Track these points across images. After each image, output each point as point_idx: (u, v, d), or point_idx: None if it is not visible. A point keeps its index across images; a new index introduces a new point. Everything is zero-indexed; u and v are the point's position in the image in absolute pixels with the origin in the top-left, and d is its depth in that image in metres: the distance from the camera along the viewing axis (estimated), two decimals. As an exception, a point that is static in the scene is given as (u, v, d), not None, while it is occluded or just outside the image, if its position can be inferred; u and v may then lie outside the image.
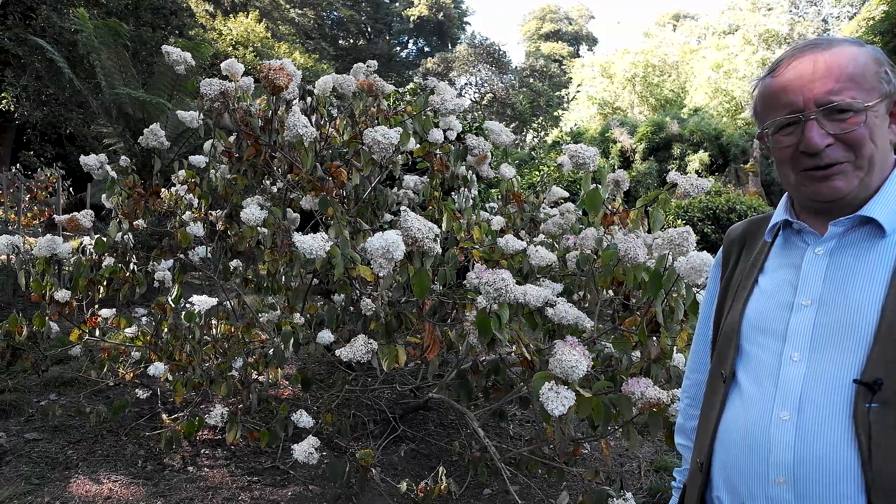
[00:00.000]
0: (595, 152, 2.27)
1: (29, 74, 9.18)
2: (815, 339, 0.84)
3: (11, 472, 2.79)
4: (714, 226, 11.82)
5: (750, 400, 0.89)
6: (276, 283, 3.37)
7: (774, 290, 0.92)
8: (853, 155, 0.85)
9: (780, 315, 0.89)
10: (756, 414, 0.87)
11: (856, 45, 0.87)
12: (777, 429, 0.84)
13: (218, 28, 17.02)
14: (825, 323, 0.84)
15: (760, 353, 0.90)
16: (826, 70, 0.85)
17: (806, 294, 0.87)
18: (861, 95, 0.84)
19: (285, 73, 2.58)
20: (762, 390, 0.88)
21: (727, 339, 0.97)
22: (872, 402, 0.76)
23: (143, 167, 6.08)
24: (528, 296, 2.14)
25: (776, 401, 0.85)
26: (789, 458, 0.82)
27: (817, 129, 0.85)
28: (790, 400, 0.84)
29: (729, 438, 0.91)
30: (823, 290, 0.86)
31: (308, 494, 2.79)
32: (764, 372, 0.89)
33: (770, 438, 0.84)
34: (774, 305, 0.91)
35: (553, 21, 39.45)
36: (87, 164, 3.01)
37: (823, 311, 0.85)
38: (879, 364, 0.77)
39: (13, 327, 2.95)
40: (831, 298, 0.84)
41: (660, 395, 1.65)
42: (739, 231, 1.08)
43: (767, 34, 23.58)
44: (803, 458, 0.81)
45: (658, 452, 3.42)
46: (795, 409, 0.83)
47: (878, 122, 0.85)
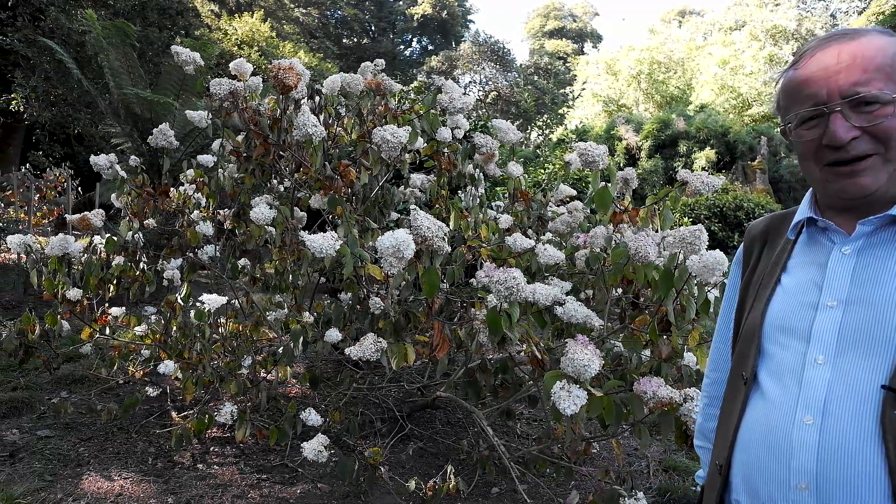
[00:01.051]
0: (604, 150, 2.27)
1: (38, 75, 9.23)
2: (841, 342, 0.82)
3: (24, 468, 2.81)
4: (721, 224, 11.77)
5: (772, 403, 0.87)
6: (283, 281, 3.38)
7: (798, 289, 0.90)
8: (882, 148, 0.82)
9: (804, 315, 0.86)
10: (778, 417, 0.85)
11: (884, 34, 0.84)
12: (800, 433, 0.81)
13: (223, 28, 17.07)
14: (852, 325, 0.81)
15: (783, 354, 0.88)
16: (851, 60, 0.82)
17: (832, 295, 0.84)
18: (889, 87, 0.81)
19: (295, 73, 2.59)
20: (785, 393, 0.85)
21: (748, 340, 0.94)
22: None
23: (152, 167, 6.11)
24: (537, 294, 2.14)
25: (799, 404, 0.82)
26: (812, 463, 0.80)
27: (842, 122, 0.82)
28: (814, 404, 0.81)
29: (749, 441, 0.89)
30: (850, 290, 0.83)
31: (317, 492, 2.81)
32: (787, 374, 0.86)
33: (792, 443, 0.82)
34: (798, 305, 0.88)
35: (557, 18, 39.35)
36: (97, 163, 3.03)
37: (850, 313, 0.82)
38: None
39: (26, 326, 2.97)
40: (858, 300, 0.82)
41: (671, 394, 1.64)
42: (761, 227, 1.04)
43: (775, 30, 23.42)
44: (827, 463, 0.79)
45: (667, 452, 3.41)
46: (819, 413, 0.80)
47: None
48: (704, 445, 1.13)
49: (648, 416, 1.80)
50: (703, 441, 1.14)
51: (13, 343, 2.94)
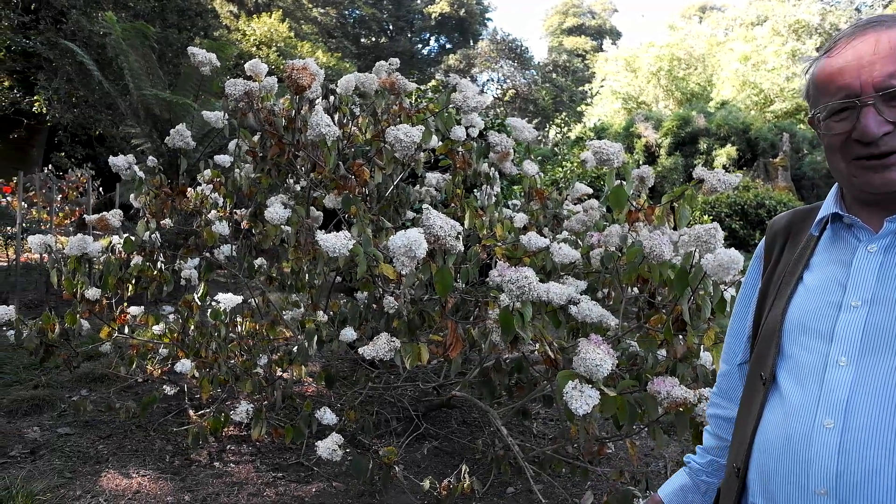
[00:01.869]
0: (619, 148, 2.24)
1: (60, 77, 9.39)
2: (865, 343, 0.78)
3: (45, 465, 2.86)
4: (742, 221, 11.61)
5: (791, 405, 0.84)
6: (299, 281, 3.40)
7: (821, 288, 0.86)
8: None
9: (827, 315, 0.83)
10: (798, 420, 0.82)
11: None
12: (820, 437, 0.79)
13: (242, 28, 17.23)
14: (876, 326, 0.78)
15: (804, 355, 0.85)
16: (889, 50, 0.78)
17: (856, 294, 0.81)
18: None
19: (309, 73, 2.59)
20: (805, 395, 0.82)
21: (767, 339, 0.92)
22: None
23: (170, 167, 6.18)
24: (551, 293, 2.12)
25: (820, 407, 0.79)
26: (832, 468, 0.77)
27: (874, 116, 0.78)
28: (835, 407, 0.78)
29: (768, 444, 0.86)
30: (876, 290, 0.80)
31: (332, 491, 2.81)
32: (807, 375, 0.83)
33: (812, 447, 0.79)
34: (821, 305, 0.85)
35: (576, 15, 39.08)
36: (115, 164, 3.07)
37: (875, 313, 0.79)
38: None
39: (46, 325, 3.02)
40: (884, 299, 0.78)
41: (686, 394, 1.61)
42: (784, 222, 1.01)
43: (797, 24, 23.00)
44: (848, 469, 0.76)
45: (685, 452, 3.36)
46: (841, 416, 0.77)
47: None
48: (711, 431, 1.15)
49: (664, 416, 1.77)
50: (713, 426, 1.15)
51: (34, 342, 2.98)
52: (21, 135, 11.24)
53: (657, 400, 1.67)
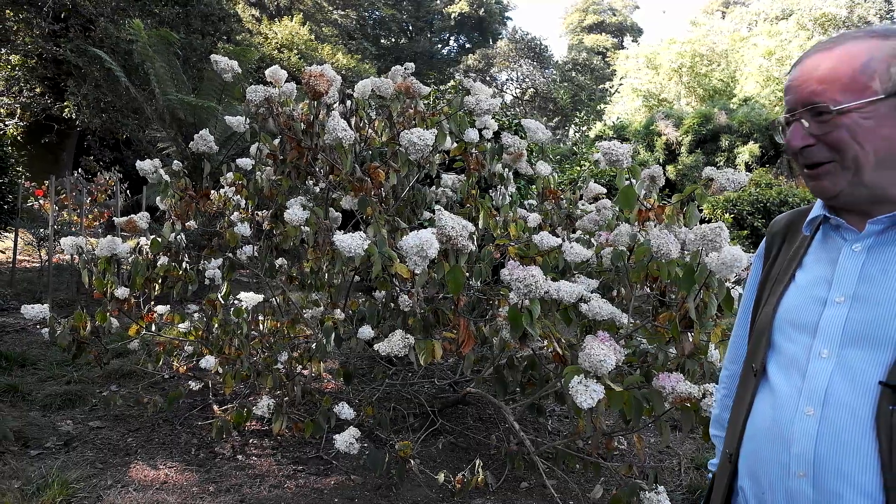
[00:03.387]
0: (628, 149, 2.28)
1: (88, 83, 9.67)
2: (845, 337, 0.83)
3: (78, 456, 2.99)
4: (765, 219, 11.43)
5: (778, 394, 0.90)
6: (319, 280, 3.48)
7: (809, 285, 0.92)
8: (838, 156, 0.85)
9: (812, 310, 0.88)
10: (782, 408, 0.88)
11: (875, 38, 0.84)
12: (801, 423, 0.84)
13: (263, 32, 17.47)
14: (857, 320, 0.83)
15: (791, 347, 0.90)
16: (824, 70, 0.85)
17: (840, 290, 0.86)
18: (846, 96, 0.83)
19: (325, 79, 2.68)
20: (790, 385, 0.88)
21: (760, 333, 0.97)
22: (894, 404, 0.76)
23: (194, 170, 6.34)
24: (561, 292, 2.17)
25: (802, 396, 0.85)
26: (810, 452, 0.82)
27: (797, 130, 0.87)
28: (815, 396, 0.84)
29: (756, 431, 0.92)
30: (858, 287, 0.84)
31: (350, 484, 2.89)
32: (793, 367, 0.89)
33: (793, 432, 0.85)
34: (808, 300, 0.90)
35: (596, 13, 38.76)
36: (142, 168, 3.19)
37: (856, 309, 0.83)
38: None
39: (78, 323, 3.15)
40: (864, 296, 0.83)
41: (691, 389, 1.65)
42: (783, 223, 1.06)
43: (824, 18, 22.53)
44: (824, 454, 0.81)
45: (699, 450, 3.38)
46: (820, 405, 0.83)
47: (872, 123, 0.82)
48: (718, 434, 1.17)
49: (672, 411, 1.81)
50: (718, 430, 1.17)
51: (67, 339, 3.11)
52: (52, 139, 11.58)
53: (663, 395, 1.71)
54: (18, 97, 10.88)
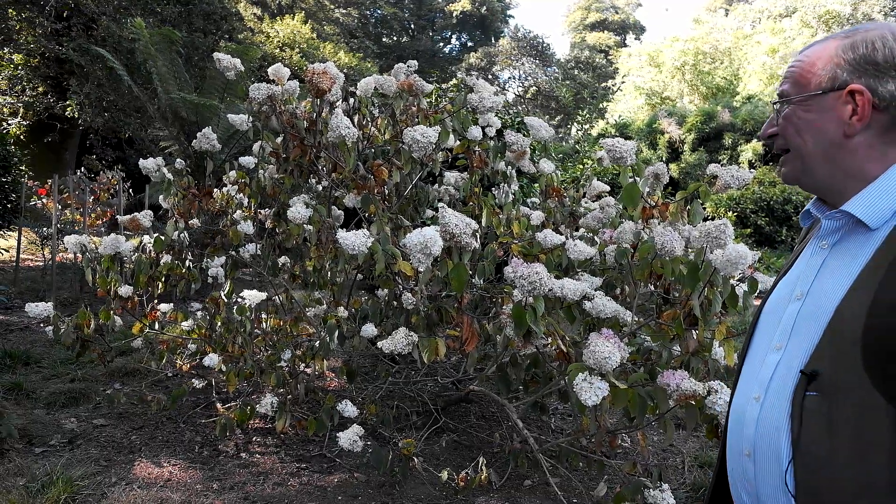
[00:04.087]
0: (633, 146, 2.27)
1: (91, 82, 9.67)
2: (794, 329, 0.87)
3: (82, 454, 3.00)
4: (768, 217, 11.42)
5: (742, 381, 0.96)
6: (321, 278, 3.49)
7: (790, 279, 0.96)
8: (790, 146, 0.92)
9: (782, 305, 0.93)
10: (742, 394, 0.94)
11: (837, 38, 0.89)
12: (750, 408, 0.90)
13: (265, 31, 17.47)
14: (804, 315, 0.87)
15: (760, 339, 0.96)
16: (796, 67, 0.92)
17: (800, 286, 0.90)
18: (793, 90, 0.90)
19: (328, 77, 2.67)
20: (751, 373, 0.94)
21: (750, 326, 1.02)
22: (809, 390, 0.80)
23: (197, 169, 6.35)
24: (565, 289, 2.17)
25: (755, 383, 0.91)
26: (752, 434, 0.88)
27: (768, 121, 0.95)
28: (762, 383, 0.89)
29: (730, 416, 0.98)
30: (814, 283, 0.88)
31: (353, 481, 2.90)
32: (757, 357, 0.94)
33: (745, 416, 0.91)
34: (783, 295, 0.94)
35: (598, 10, 38.67)
36: (145, 167, 3.19)
37: (807, 304, 0.87)
38: (823, 356, 0.80)
39: (82, 321, 3.16)
40: (817, 292, 0.86)
41: (695, 387, 1.65)
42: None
43: (828, 16, 22.43)
44: (759, 435, 0.87)
45: (703, 447, 3.38)
46: (763, 391, 0.88)
47: (813, 117, 0.88)
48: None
49: (676, 409, 1.80)
50: None
51: (71, 337, 3.12)
52: (55, 139, 11.59)
53: (667, 393, 1.71)
54: (21, 96, 10.90)
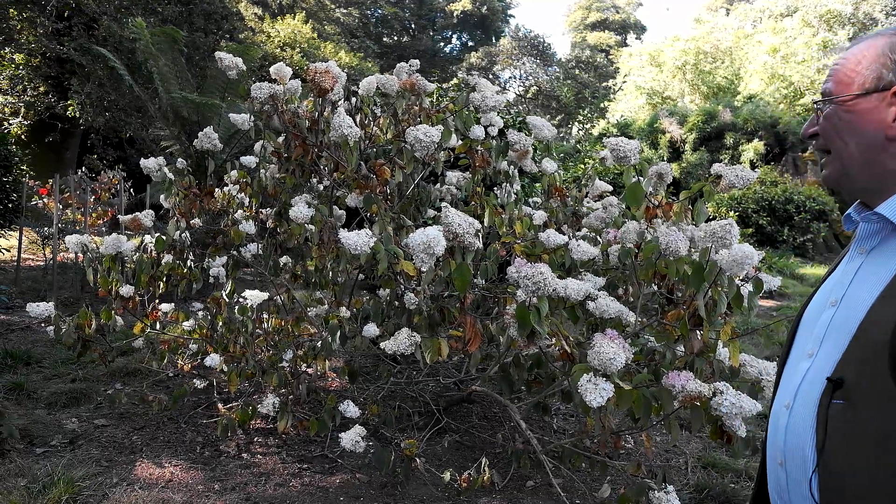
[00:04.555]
0: (636, 145, 2.25)
1: (92, 82, 9.66)
2: (826, 337, 0.86)
3: (83, 454, 2.99)
4: (770, 217, 11.41)
5: (779, 389, 0.95)
6: (323, 278, 3.48)
7: (828, 286, 0.93)
8: (830, 146, 0.89)
9: (818, 312, 0.91)
10: (777, 402, 0.93)
11: (883, 36, 0.86)
12: (781, 416, 0.89)
13: (266, 30, 17.46)
14: (837, 322, 0.85)
15: (797, 347, 0.94)
16: (835, 66, 0.89)
17: (836, 293, 0.88)
18: (835, 89, 0.87)
19: (330, 76, 2.66)
20: (787, 380, 0.92)
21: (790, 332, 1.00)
22: (835, 398, 0.79)
23: (198, 168, 6.33)
24: (568, 290, 2.15)
25: (787, 390, 0.90)
26: (782, 442, 0.88)
27: (810, 121, 0.93)
28: (792, 390, 0.88)
29: (768, 423, 0.97)
30: (849, 290, 0.86)
31: (355, 482, 2.89)
32: (793, 363, 0.93)
33: (778, 424, 0.90)
34: (820, 302, 0.92)
35: (599, 10, 38.63)
36: (146, 166, 3.18)
37: (841, 311, 0.85)
38: (850, 364, 0.79)
39: (83, 321, 3.15)
40: (852, 299, 0.84)
41: (701, 388, 1.64)
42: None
43: (829, 15, 22.40)
44: (788, 443, 0.86)
45: (706, 448, 3.36)
46: (792, 398, 0.87)
47: (853, 118, 0.85)
48: None
49: (681, 410, 1.79)
50: None
51: (72, 337, 3.11)
52: (56, 138, 11.59)
53: (672, 394, 1.70)
54: (22, 96, 10.89)
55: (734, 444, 1.84)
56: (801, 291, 7.99)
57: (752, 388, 1.96)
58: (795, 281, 8.75)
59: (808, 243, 11.27)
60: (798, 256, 10.79)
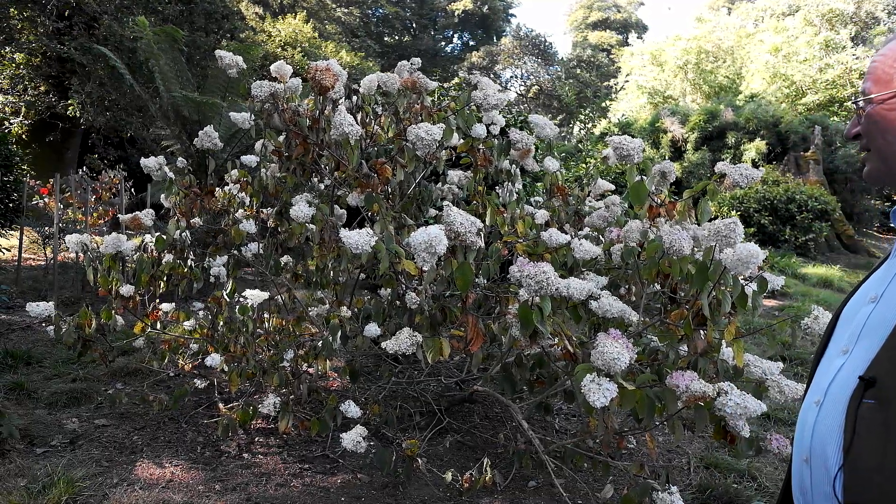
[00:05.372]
0: (639, 144, 2.24)
1: (93, 81, 9.66)
2: (862, 334, 0.84)
3: (83, 454, 2.98)
4: (772, 216, 11.38)
5: (811, 385, 0.94)
6: (324, 277, 3.46)
7: (870, 282, 0.93)
8: (871, 145, 0.89)
9: (858, 308, 0.90)
10: (808, 398, 0.92)
11: None
12: (810, 414, 0.88)
13: (267, 30, 17.45)
14: (874, 319, 0.83)
15: (835, 342, 0.93)
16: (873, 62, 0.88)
17: (876, 289, 0.87)
18: (874, 87, 0.86)
19: (331, 74, 2.65)
20: (820, 377, 0.92)
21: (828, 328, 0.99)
22: (865, 398, 0.77)
23: (199, 167, 6.32)
24: (571, 289, 2.14)
25: (818, 387, 0.89)
26: (809, 439, 0.87)
27: (853, 120, 0.91)
28: (823, 387, 0.87)
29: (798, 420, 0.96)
30: (889, 286, 0.85)
31: (356, 482, 2.87)
32: (828, 359, 0.92)
33: (806, 421, 0.89)
34: (860, 298, 0.92)
35: (601, 9, 38.60)
36: (147, 166, 3.17)
37: (878, 307, 0.84)
38: (883, 362, 0.77)
39: (83, 320, 3.14)
40: (887, 295, 0.83)
41: (705, 388, 1.62)
42: None
43: (831, 14, 22.34)
44: (815, 440, 0.86)
45: (709, 448, 3.35)
46: (823, 396, 0.86)
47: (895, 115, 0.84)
48: None
49: (684, 410, 1.78)
50: None
51: (72, 337, 3.10)
52: (56, 138, 11.57)
53: (676, 394, 1.68)
54: (23, 95, 10.88)
55: (737, 444, 1.83)
56: (802, 291, 7.97)
57: (756, 388, 1.95)
58: (797, 280, 8.72)
59: (810, 243, 11.24)
60: (800, 256, 10.76)
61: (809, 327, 1.79)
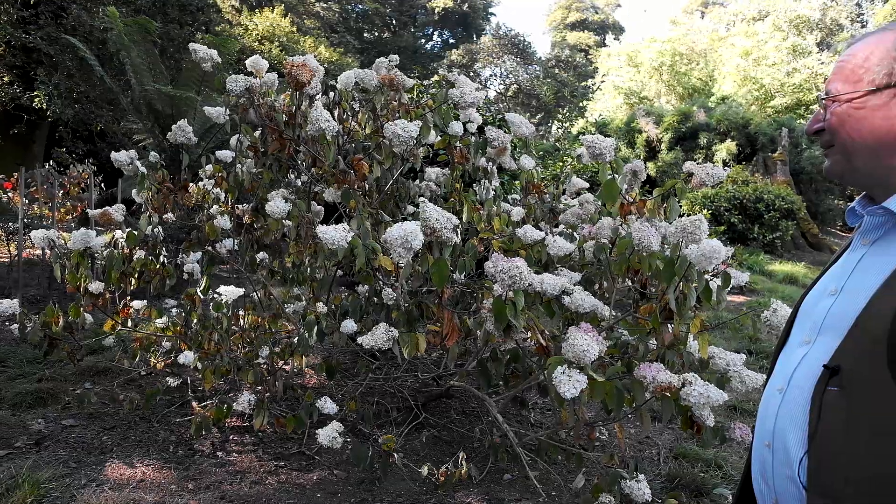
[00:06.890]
0: (612, 143, 2.29)
1: (60, 73, 9.42)
2: (824, 325, 0.88)
3: (50, 455, 2.92)
4: (741, 215, 11.63)
5: (773, 374, 0.98)
6: (301, 274, 3.45)
7: (829, 276, 0.96)
8: (834, 141, 0.91)
9: (818, 301, 0.94)
10: (769, 386, 0.96)
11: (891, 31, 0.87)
12: (773, 400, 0.92)
13: (244, 23, 17.23)
14: (835, 311, 0.87)
15: (794, 334, 0.97)
16: (839, 63, 0.91)
17: (835, 282, 0.90)
18: (843, 87, 0.88)
19: (308, 69, 2.64)
20: (782, 366, 0.95)
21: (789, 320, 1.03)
22: (830, 385, 0.81)
23: (172, 162, 6.23)
24: (544, 284, 2.18)
25: (782, 375, 0.93)
26: (772, 426, 0.91)
27: (815, 116, 0.95)
28: (786, 376, 0.91)
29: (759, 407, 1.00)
30: (849, 279, 0.88)
31: (333, 479, 2.88)
32: (788, 350, 0.96)
33: (768, 408, 0.93)
34: (819, 291, 0.95)
35: (579, 10, 38.95)
36: (118, 160, 3.12)
37: (840, 300, 0.87)
38: (847, 351, 0.81)
39: (50, 318, 3.07)
40: (849, 288, 0.87)
41: (671, 379, 1.67)
42: None
43: (798, 20, 22.95)
44: (778, 427, 0.89)
45: (678, 439, 3.43)
46: (786, 384, 0.90)
47: (863, 114, 0.86)
48: None
49: (652, 401, 1.82)
50: None
51: (38, 335, 3.03)
52: (21, 130, 11.27)
53: (644, 385, 1.73)
54: (-13, 87, 10.58)
55: (703, 433, 1.88)
56: (769, 287, 8.17)
57: (720, 379, 2.01)
58: (765, 277, 8.94)
59: (777, 241, 11.53)
60: (767, 253, 11.02)
61: (769, 320, 1.85)
